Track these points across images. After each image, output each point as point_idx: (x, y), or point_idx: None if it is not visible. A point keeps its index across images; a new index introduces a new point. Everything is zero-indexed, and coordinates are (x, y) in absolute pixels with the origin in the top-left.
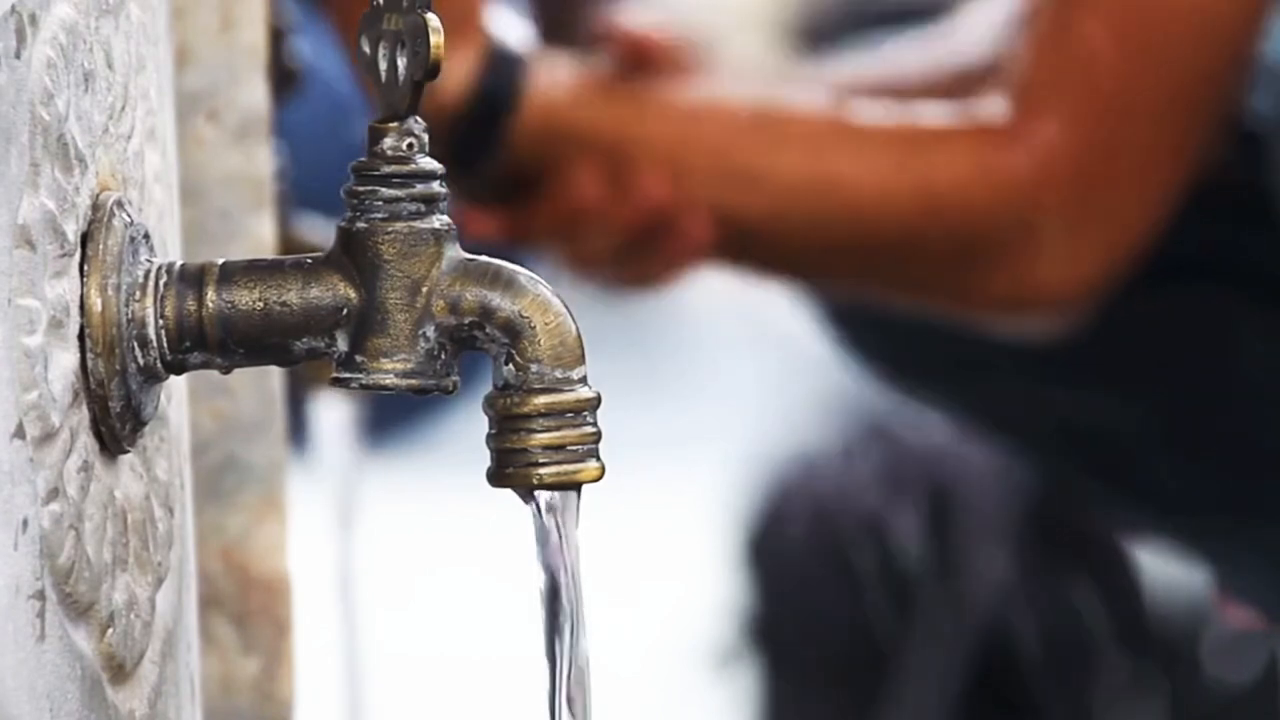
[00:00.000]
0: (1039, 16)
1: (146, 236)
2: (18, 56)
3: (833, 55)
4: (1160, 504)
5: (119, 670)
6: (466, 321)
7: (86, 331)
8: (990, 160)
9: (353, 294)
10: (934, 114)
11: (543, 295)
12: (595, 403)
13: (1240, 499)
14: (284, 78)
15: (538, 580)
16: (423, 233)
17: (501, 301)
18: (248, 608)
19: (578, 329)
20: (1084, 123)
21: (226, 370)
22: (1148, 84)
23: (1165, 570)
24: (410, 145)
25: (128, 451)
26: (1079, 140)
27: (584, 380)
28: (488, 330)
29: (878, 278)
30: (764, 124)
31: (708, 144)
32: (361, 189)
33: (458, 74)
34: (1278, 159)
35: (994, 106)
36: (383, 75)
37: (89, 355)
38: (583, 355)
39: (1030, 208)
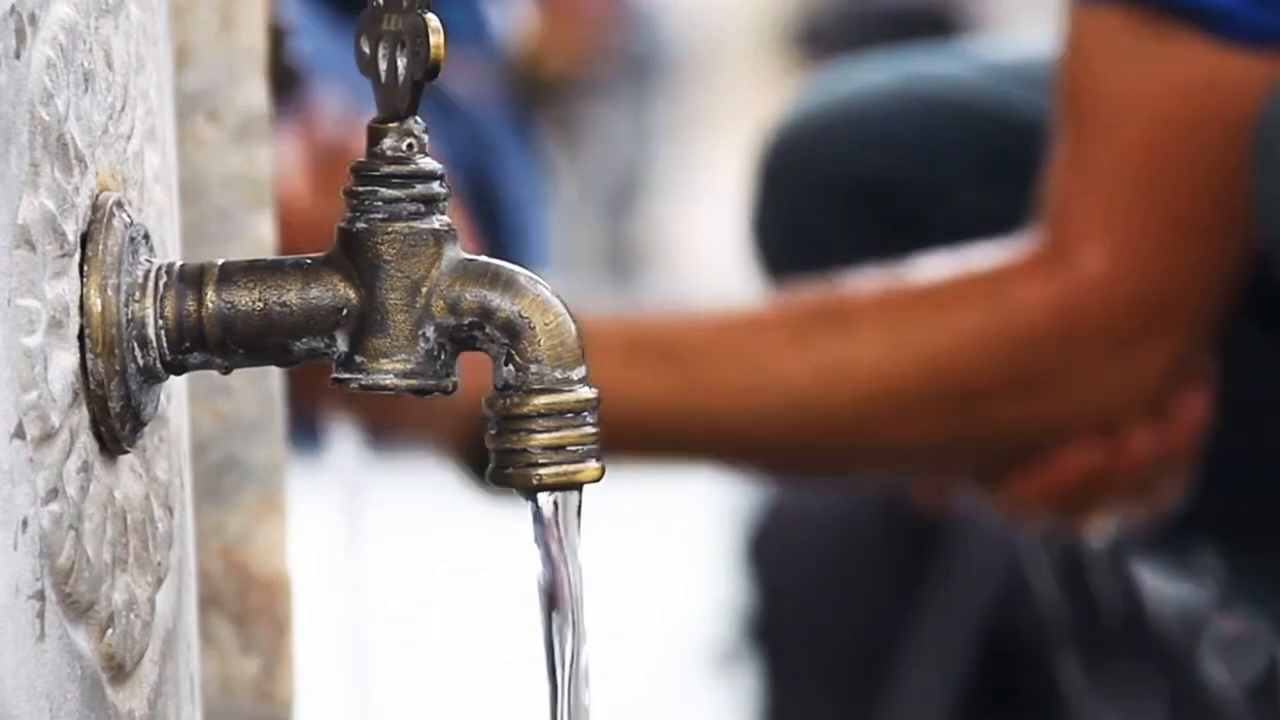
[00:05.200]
0: (1065, 141)
1: (146, 236)
2: (17, 56)
3: (832, 61)
4: (1163, 518)
5: (119, 670)
6: (466, 322)
7: (86, 332)
8: (1018, 296)
9: (352, 294)
10: (946, 266)
11: (543, 295)
12: (595, 403)
13: (1244, 518)
14: (284, 78)
15: (538, 580)
16: (422, 233)
17: (501, 302)
18: (248, 608)
19: (578, 329)
20: (1126, 242)
21: (226, 370)
22: (1183, 191)
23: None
24: (410, 145)
25: (127, 452)
26: (1124, 260)
27: (584, 380)
28: (487, 330)
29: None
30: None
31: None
32: (361, 189)
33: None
34: None
35: (1024, 240)
36: (383, 75)
37: (89, 355)
38: (583, 355)
39: (1072, 333)
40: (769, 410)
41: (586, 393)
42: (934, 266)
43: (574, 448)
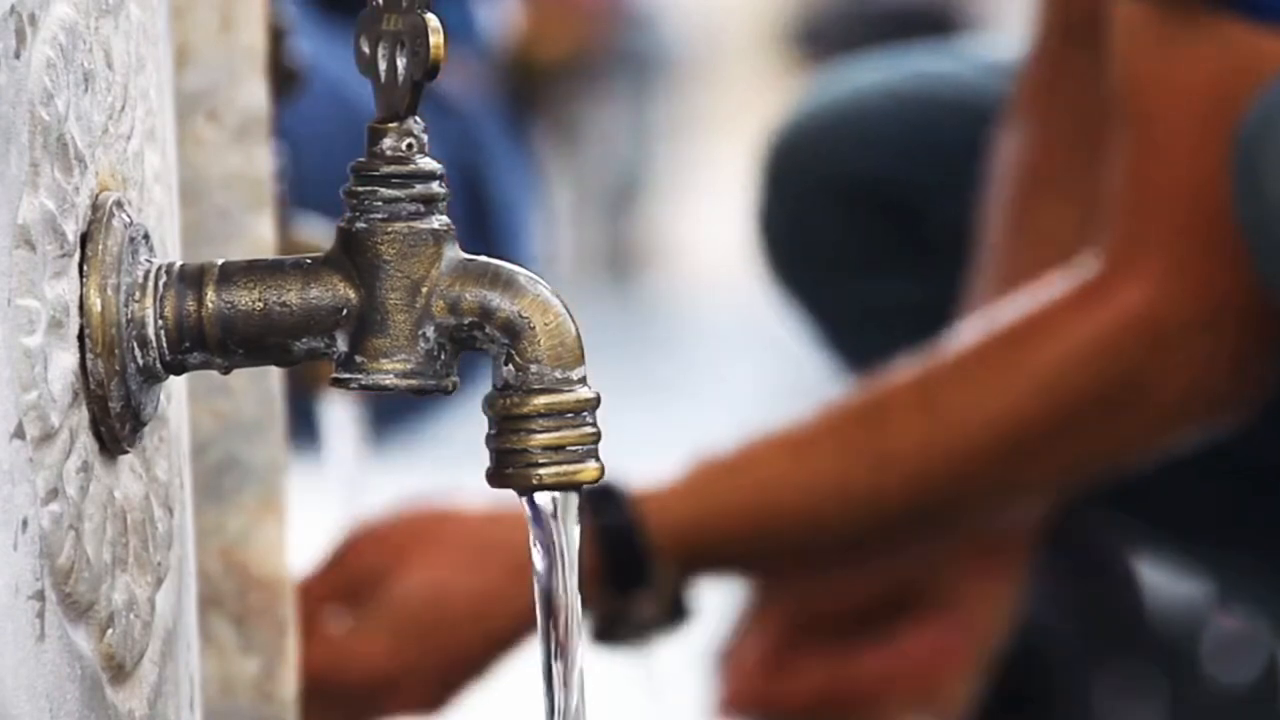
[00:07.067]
0: (1115, 153)
1: (146, 236)
2: (17, 56)
3: (832, 61)
4: (1164, 519)
5: (119, 670)
6: (466, 322)
7: (86, 332)
8: (1098, 319)
9: (352, 294)
10: (1018, 305)
11: (542, 295)
12: (595, 403)
13: (1244, 518)
14: (284, 78)
15: (536, 579)
16: (422, 233)
17: (501, 302)
18: (248, 608)
19: (577, 329)
20: (1193, 238)
21: (226, 370)
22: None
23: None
24: (410, 146)
25: (127, 452)
26: (1192, 255)
27: (583, 380)
28: (487, 330)
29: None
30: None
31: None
32: (361, 189)
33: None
34: None
35: (1085, 261)
36: (382, 75)
37: (89, 355)
38: (582, 355)
39: (1158, 339)
40: (827, 518)
41: (586, 393)
42: (974, 329)
43: (574, 448)
